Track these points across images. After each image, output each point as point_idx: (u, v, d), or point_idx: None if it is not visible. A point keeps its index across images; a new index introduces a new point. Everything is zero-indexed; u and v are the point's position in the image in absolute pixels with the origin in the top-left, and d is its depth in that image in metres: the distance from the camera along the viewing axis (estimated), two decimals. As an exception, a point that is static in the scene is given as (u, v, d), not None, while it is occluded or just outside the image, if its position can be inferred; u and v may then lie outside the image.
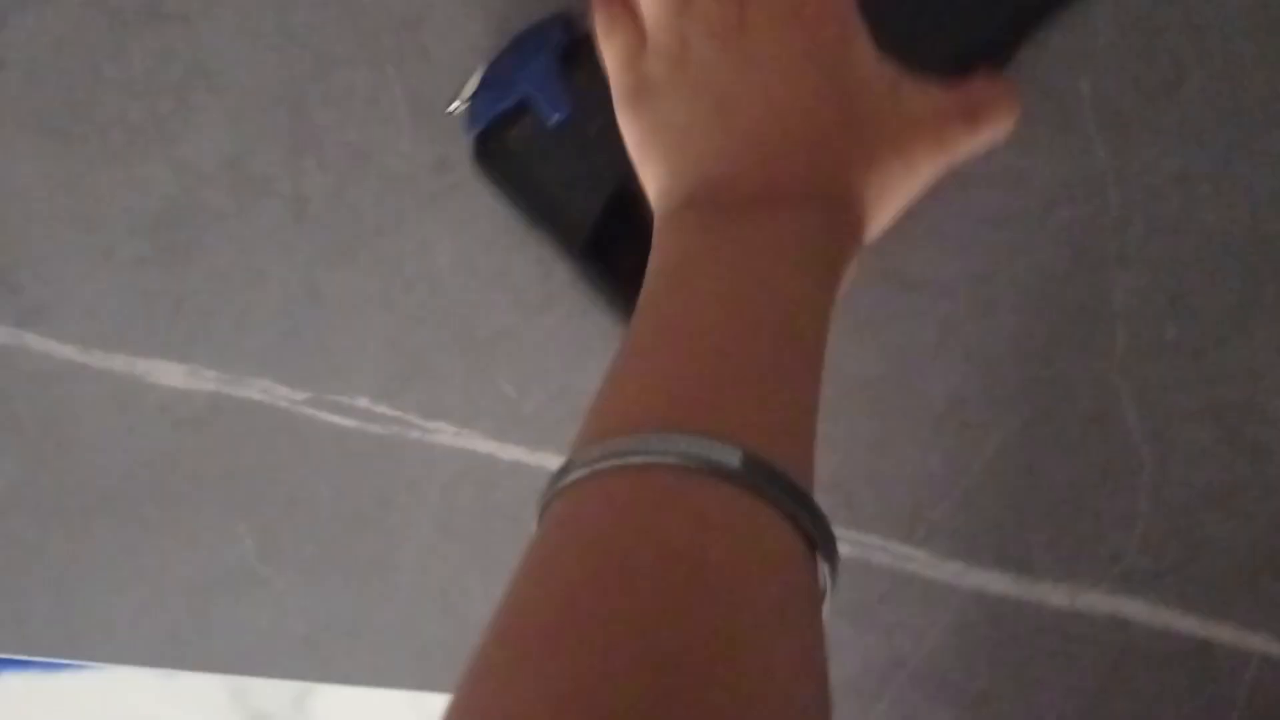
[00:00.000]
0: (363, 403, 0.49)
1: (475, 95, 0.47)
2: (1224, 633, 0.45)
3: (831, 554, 0.31)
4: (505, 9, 0.48)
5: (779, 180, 0.36)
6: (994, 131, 0.41)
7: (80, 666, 0.68)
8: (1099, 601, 0.46)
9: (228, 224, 0.50)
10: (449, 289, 0.49)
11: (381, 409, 0.49)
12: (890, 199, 0.39)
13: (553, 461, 0.48)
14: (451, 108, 0.47)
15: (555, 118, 0.45)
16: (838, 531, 0.43)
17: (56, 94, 0.50)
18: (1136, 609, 0.45)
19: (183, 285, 0.50)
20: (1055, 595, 0.46)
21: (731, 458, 0.29)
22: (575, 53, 0.45)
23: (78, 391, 0.50)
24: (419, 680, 0.50)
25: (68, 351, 0.50)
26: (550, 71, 0.45)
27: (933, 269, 0.47)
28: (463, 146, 0.48)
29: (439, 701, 0.27)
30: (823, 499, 0.47)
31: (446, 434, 0.49)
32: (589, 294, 0.47)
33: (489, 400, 0.49)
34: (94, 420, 0.50)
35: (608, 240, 0.46)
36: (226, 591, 0.50)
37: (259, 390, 0.49)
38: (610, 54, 0.40)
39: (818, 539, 0.30)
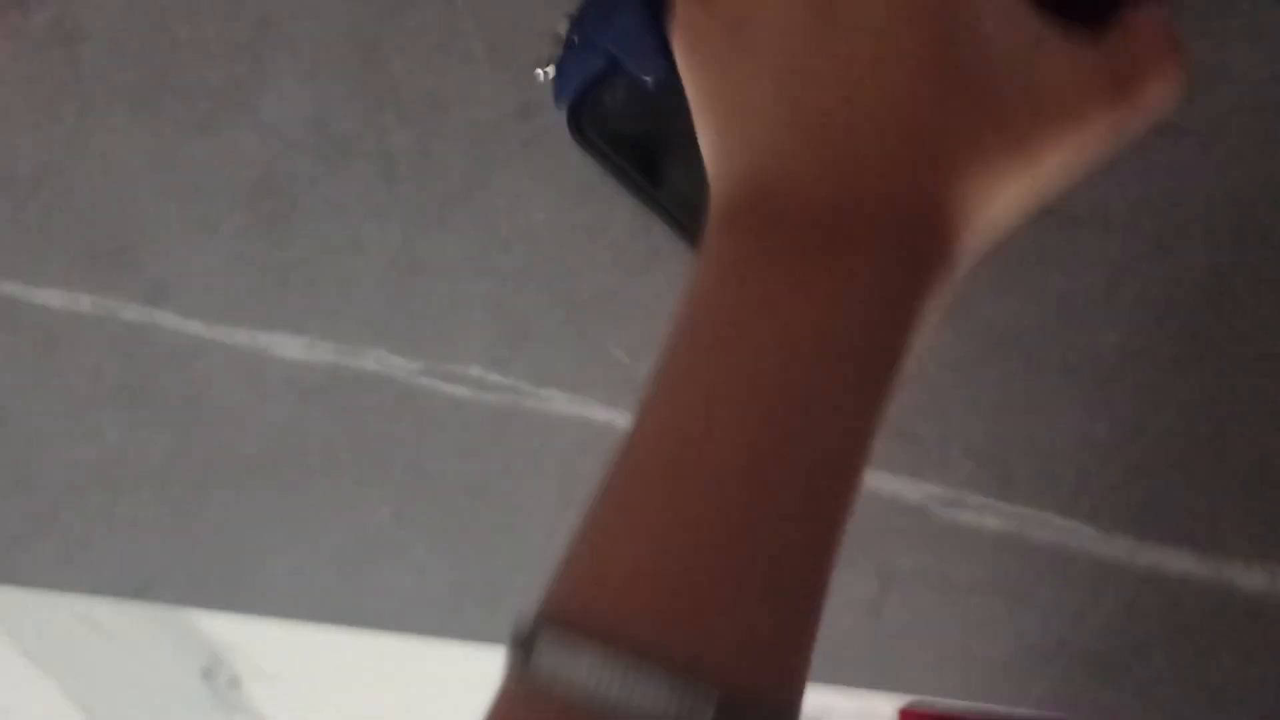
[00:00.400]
0: (475, 371, 0.47)
1: (560, 59, 0.41)
2: None
3: None
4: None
5: (849, 194, 0.28)
6: (1151, 109, 0.29)
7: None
8: (1303, 586, 0.39)
9: (321, 189, 0.47)
10: (547, 248, 0.45)
11: (494, 377, 0.47)
12: (1001, 212, 0.29)
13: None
14: (537, 73, 0.42)
15: (650, 79, 0.39)
16: (988, 502, 0.39)
17: (138, 63, 0.48)
18: (1350, 595, 0.39)
19: (288, 255, 0.48)
20: (1248, 577, 0.39)
21: (705, 710, 0.22)
22: None
23: (211, 365, 0.50)
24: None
25: (195, 327, 0.50)
26: (637, 26, 0.38)
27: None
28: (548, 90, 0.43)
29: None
30: (969, 468, 0.42)
31: (560, 401, 0.46)
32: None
33: (600, 366, 0.45)
34: (229, 393, 0.50)
35: None
36: (370, 555, 0.50)
37: (375, 360, 0.48)
38: None
39: None
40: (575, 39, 0.40)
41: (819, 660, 0.26)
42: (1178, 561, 0.40)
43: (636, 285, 0.44)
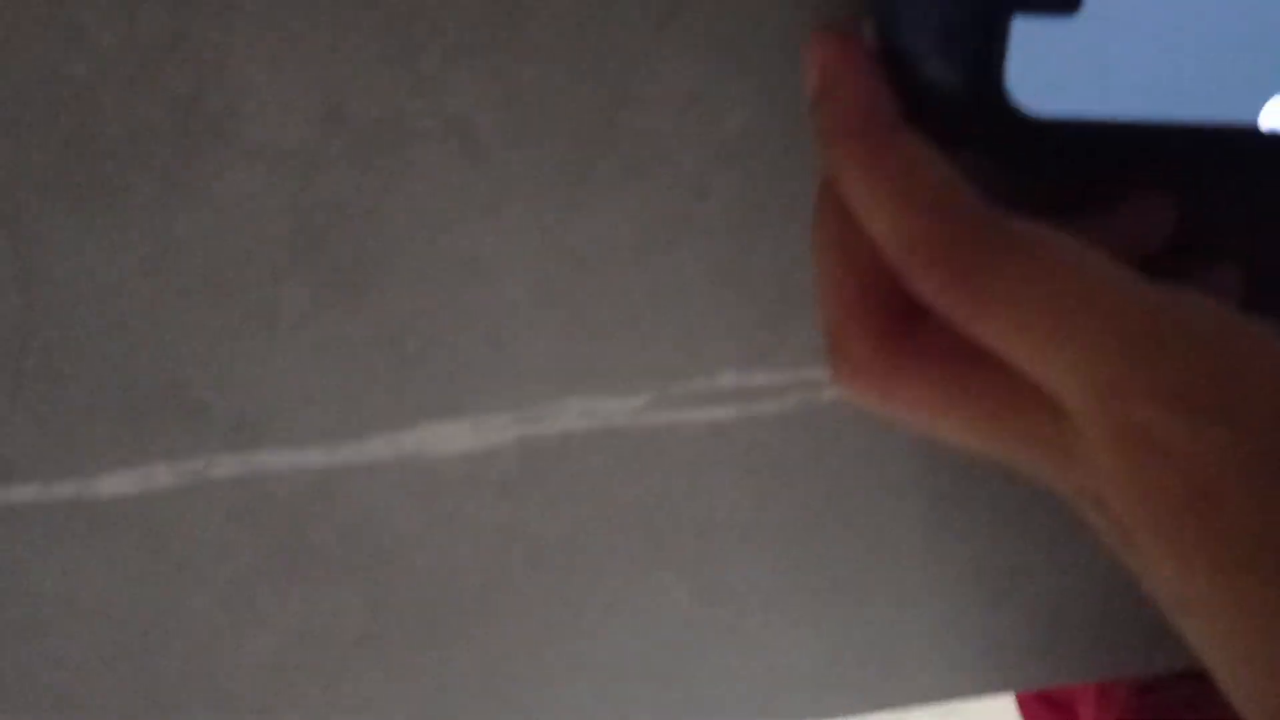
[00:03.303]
0: (729, 379, 0.30)
1: None
2: None
3: None
4: None
5: None
6: None
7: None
8: None
9: (371, 198, 0.30)
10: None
11: (759, 378, 0.30)
12: None
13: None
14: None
15: None
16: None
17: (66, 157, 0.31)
18: None
19: (387, 316, 0.32)
20: None
21: None
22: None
23: (359, 495, 0.35)
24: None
25: (313, 457, 0.35)
26: None
27: None
28: None
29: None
30: None
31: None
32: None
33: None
34: (402, 521, 0.35)
35: None
36: (684, 645, 0.36)
37: (577, 414, 0.32)
38: None
39: None
40: None
41: None
42: None
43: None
